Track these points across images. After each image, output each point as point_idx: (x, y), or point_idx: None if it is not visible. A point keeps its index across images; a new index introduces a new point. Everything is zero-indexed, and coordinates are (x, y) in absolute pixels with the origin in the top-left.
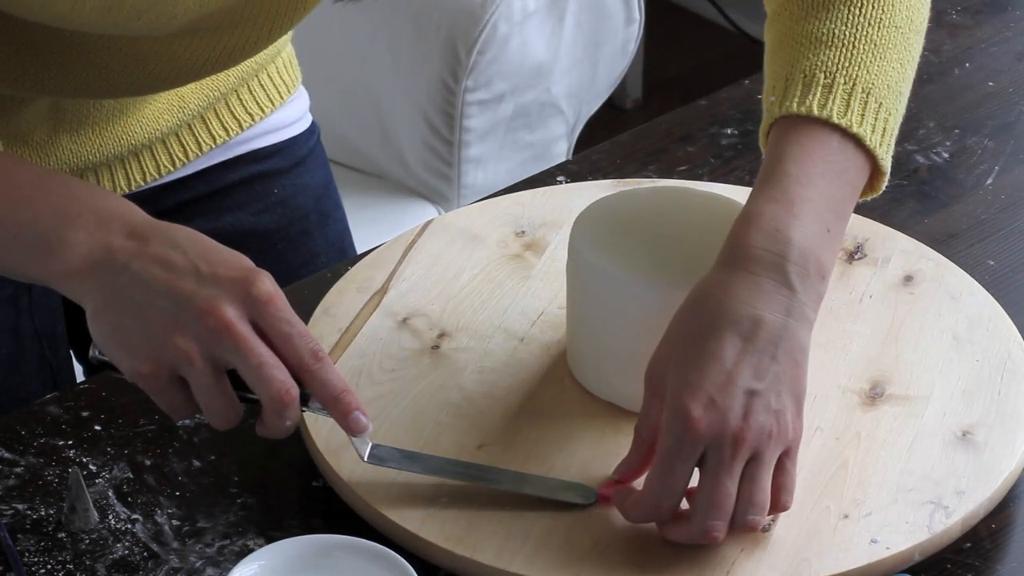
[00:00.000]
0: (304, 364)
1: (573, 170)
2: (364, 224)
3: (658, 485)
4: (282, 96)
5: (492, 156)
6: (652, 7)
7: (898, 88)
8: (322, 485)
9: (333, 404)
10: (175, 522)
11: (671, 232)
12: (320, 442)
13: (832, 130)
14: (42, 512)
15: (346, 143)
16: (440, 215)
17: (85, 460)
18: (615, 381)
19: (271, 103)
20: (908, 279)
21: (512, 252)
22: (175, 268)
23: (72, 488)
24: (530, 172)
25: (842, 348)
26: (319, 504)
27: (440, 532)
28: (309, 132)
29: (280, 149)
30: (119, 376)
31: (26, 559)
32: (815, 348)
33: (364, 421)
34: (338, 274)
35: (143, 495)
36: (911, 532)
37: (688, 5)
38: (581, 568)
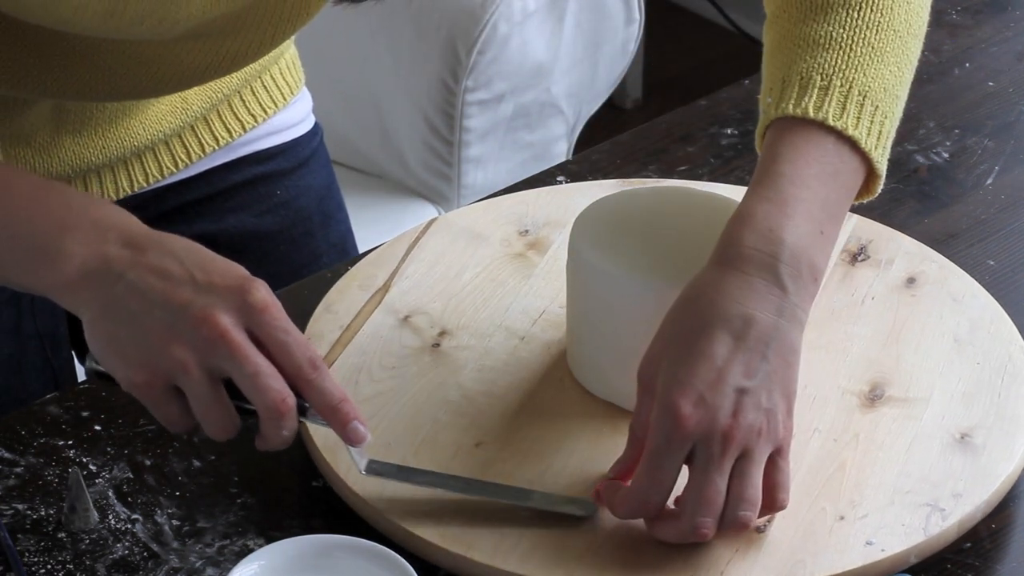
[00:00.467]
0: (301, 373)
1: (573, 170)
2: (364, 224)
3: (646, 481)
4: (285, 97)
5: (492, 156)
6: (652, 7)
7: (895, 92)
8: (322, 485)
9: (331, 414)
10: (175, 522)
11: (671, 232)
12: (320, 442)
13: (828, 132)
14: (42, 512)
15: (346, 143)
16: (443, 214)
17: (85, 460)
18: (614, 381)
19: (274, 104)
20: (911, 281)
21: (515, 251)
22: (171, 277)
23: (72, 488)
24: (530, 172)
25: (843, 350)
26: (319, 504)
27: (437, 531)
28: (312, 133)
29: (283, 150)
30: (115, 386)
31: (26, 559)
32: (815, 350)
33: (363, 431)
34: (338, 274)
35: (143, 495)
36: (907, 534)
37: (688, 5)
38: (576, 567)
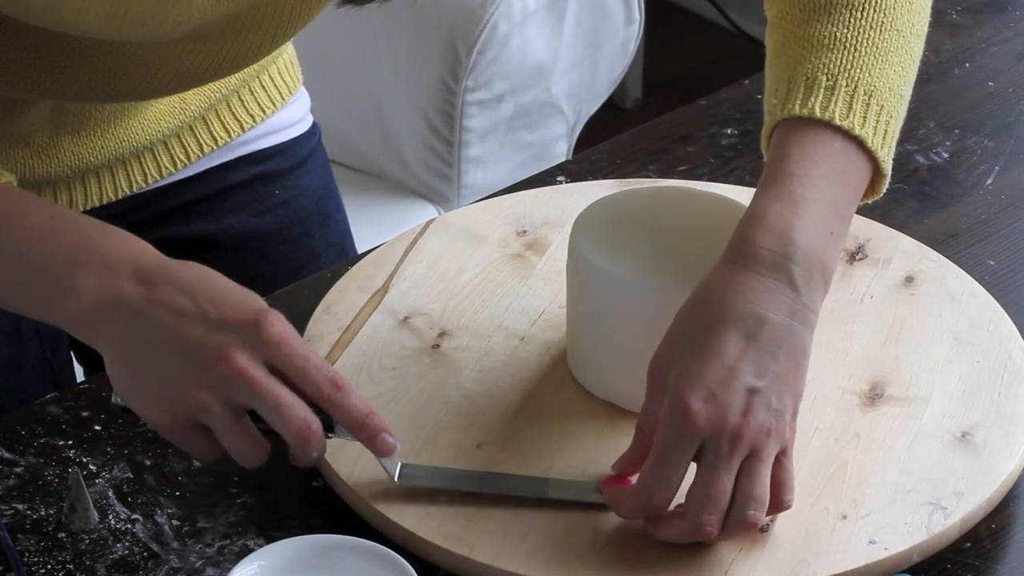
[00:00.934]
0: (325, 395)
1: (573, 170)
2: (364, 224)
3: (652, 477)
4: (283, 97)
5: (492, 156)
6: (652, 7)
7: (899, 91)
8: (322, 485)
9: (360, 430)
10: (175, 522)
11: (671, 232)
12: None
13: (834, 132)
14: (42, 512)
15: (346, 143)
16: (441, 215)
17: (85, 460)
18: (614, 381)
19: (272, 104)
20: (909, 280)
21: (513, 251)
22: (184, 315)
23: (72, 488)
24: (530, 172)
25: (842, 349)
26: (319, 504)
27: (438, 531)
28: (310, 133)
29: (281, 150)
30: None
31: (26, 559)
32: (815, 348)
33: (392, 442)
34: (338, 274)
35: (143, 495)
36: (909, 533)
37: (688, 5)
38: (579, 568)
